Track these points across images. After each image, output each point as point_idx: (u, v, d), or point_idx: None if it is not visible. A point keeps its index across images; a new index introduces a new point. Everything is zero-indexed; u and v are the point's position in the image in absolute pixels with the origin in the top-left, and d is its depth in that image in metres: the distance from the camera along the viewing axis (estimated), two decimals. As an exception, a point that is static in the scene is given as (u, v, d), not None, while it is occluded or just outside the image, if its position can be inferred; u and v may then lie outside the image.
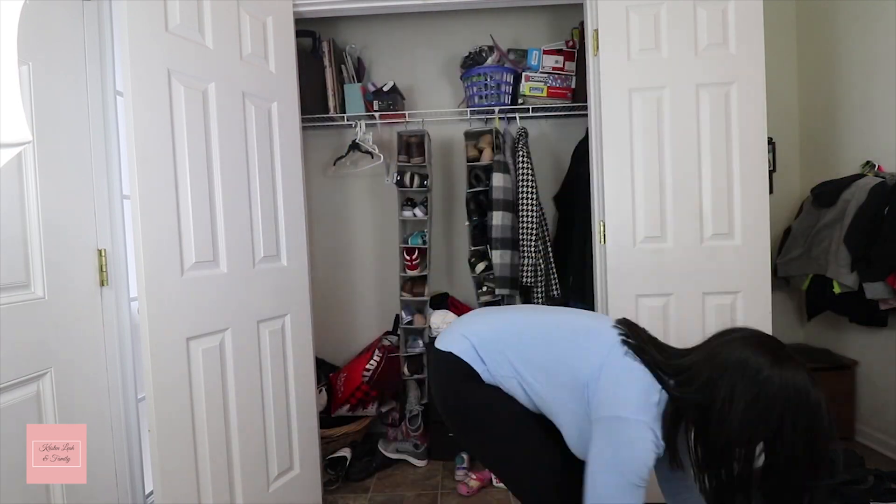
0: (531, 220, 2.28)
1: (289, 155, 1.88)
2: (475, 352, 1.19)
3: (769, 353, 0.92)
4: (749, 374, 0.90)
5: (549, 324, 1.22)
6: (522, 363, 1.15)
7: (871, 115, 2.25)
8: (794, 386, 0.93)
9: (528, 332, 1.20)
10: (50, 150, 1.33)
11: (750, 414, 0.89)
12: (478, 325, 1.27)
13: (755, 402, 0.89)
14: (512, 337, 1.20)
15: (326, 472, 2.19)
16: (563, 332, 1.17)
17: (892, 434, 2.21)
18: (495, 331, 1.23)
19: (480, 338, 1.21)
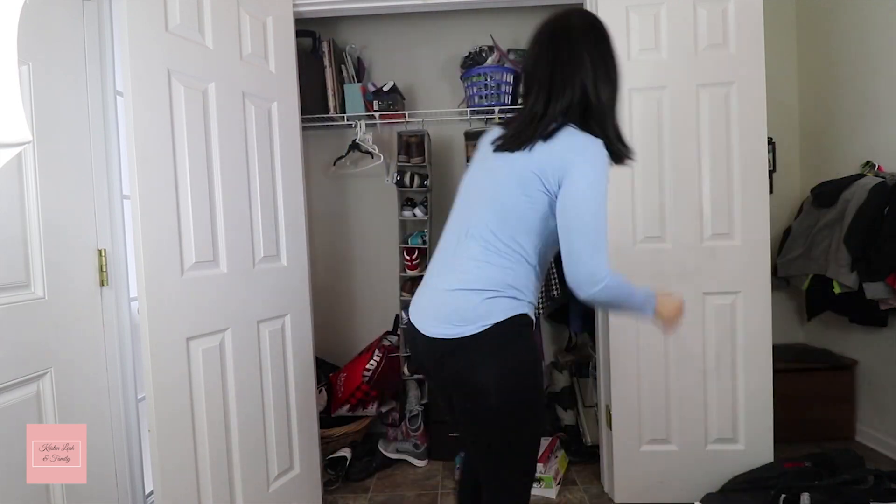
0: (531, 220, 2.28)
1: (289, 155, 1.88)
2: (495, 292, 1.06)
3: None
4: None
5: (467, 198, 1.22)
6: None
7: (871, 115, 2.25)
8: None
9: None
10: (50, 150, 1.33)
11: (603, 71, 1.12)
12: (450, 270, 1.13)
13: (602, 62, 1.14)
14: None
15: (326, 472, 2.19)
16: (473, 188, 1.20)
17: (892, 434, 2.21)
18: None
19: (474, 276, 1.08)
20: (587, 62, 1.10)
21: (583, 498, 2.05)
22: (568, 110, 1.08)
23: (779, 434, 1.90)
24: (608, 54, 1.14)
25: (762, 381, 1.89)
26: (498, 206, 1.10)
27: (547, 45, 1.13)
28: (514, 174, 1.08)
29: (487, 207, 1.11)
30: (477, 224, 1.12)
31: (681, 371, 1.91)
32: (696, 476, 1.90)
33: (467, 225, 1.15)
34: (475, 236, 1.11)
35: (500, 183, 1.10)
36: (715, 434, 1.91)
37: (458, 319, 1.06)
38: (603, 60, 1.13)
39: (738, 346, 1.89)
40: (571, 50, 1.11)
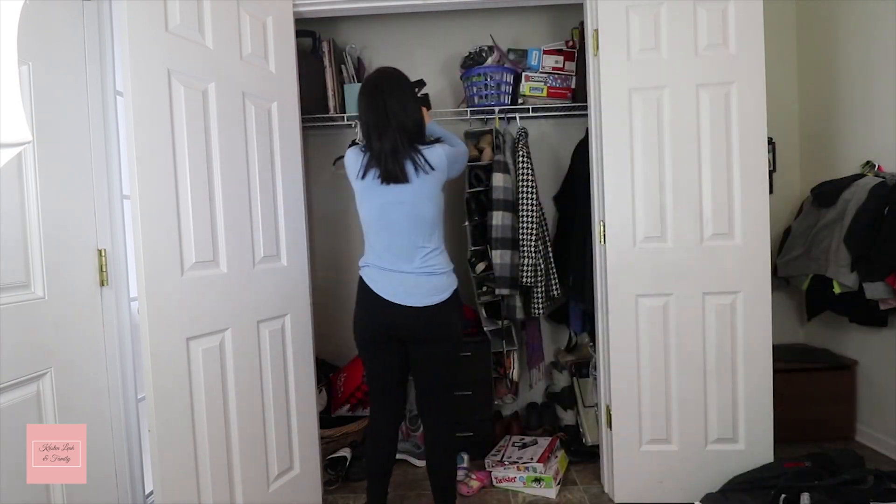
0: (531, 220, 2.28)
1: (289, 155, 1.88)
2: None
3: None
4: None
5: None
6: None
7: (871, 115, 2.25)
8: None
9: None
10: (50, 150, 1.33)
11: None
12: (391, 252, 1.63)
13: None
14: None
15: (326, 472, 2.19)
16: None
17: (892, 434, 2.21)
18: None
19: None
20: (402, 105, 1.57)
21: (583, 498, 2.05)
22: (410, 140, 1.57)
23: (779, 434, 1.90)
24: (409, 93, 1.61)
25: (762, 381, 1.89)
26: (422, 223, 1.60)
27: (372, 98, 1.59)
28: (429, 196, 1.60)
29: (414, 227, 1.60)
30: (416, 239, 1.61)
31: (681, 371, 1.91)
32: (696, 476, 1.90)
33: (410, 240, 1.61)
34: (419, 246, 1.62)
35: (423, 208, 1.59)
36: (715, 434, 1.92)
37: (438, 291, 1.61)
38: (408, 99, 1.59)
39: (738, 346, 1.89)
40: (387, 101, 1.56)
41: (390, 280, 1.60)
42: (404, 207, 1.57)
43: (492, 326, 2.39)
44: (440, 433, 1.70)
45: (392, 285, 1.60)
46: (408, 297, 1.58)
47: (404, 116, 1.54)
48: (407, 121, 1.55)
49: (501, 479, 2.15)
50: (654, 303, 1.91)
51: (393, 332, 1.62)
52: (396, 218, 1.58)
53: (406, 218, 1.58)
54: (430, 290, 1.60)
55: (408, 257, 1.60)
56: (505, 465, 2.16)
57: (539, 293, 2.32)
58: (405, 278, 1.59)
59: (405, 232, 1.59)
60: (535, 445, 2.28)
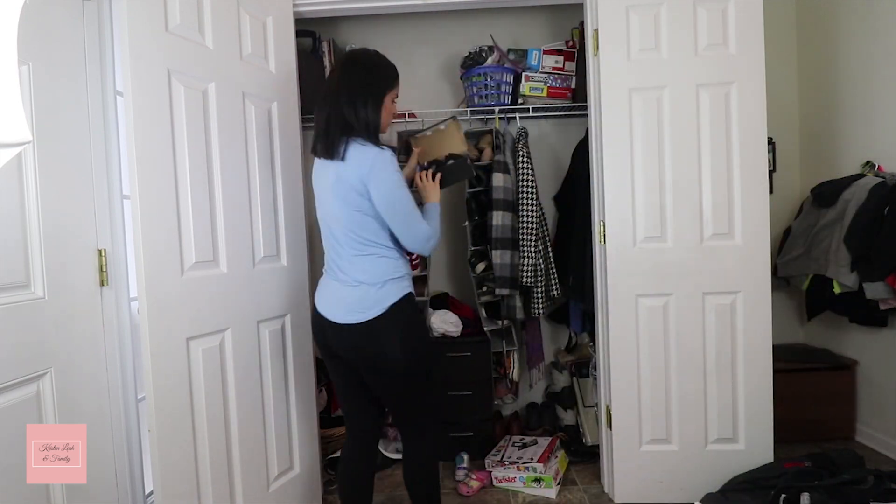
0: (531, 220, 2.28)
1: (289, 155, 1.88)
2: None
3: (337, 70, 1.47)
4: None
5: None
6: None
7: (871, 115, 2.25)
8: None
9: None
10: (50, 150, 1.33)
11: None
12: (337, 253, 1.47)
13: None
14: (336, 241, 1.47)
15: (326, 472, 2.19)
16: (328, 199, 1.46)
17: (892, 434, 2.21)
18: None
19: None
20: (342, 93, 1.40)
21: (583, 498, 2.05)
22: (345, 128, 1.39)
23: (779, 434, 1.90)
24: (359, 81, 1.42)
25: (762, 381, 1.89)
26: (344, 223, 1.41)
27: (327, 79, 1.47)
28: (337, 194, 1.39)
29: (338, 225, 1.43)
30: (341, 235, 1.43)
31: (681, 371, 1.91)
32: (696, 476, 1.90)
33: (336, 237, 1.45)
34: (347, 245, 1.43)
35: (334, 204, 1.42)
36: (715, 434, 1.92)
37: (360, 308, 1.38)
38: (355, 87, 1.41)
39: (738, 346, 1.89)
40: (329, 85, 1.44)
41: (323, 288, 1.50)
42: (329, 196, 1.42)
43: (492, 326, 2.39)
44: (410, 455, 1.54)
45: (323, 294, 1.49)
46: (331, 311, 1.43)
47: (353, 112, 1.39)
48: (354, 117, 1.39)
49: (501, 479, 2.15)
50: (654, 303, 1.91)
51: (332, 350, 1.49)
52: (325, 206, 1.46)
53: (330, 208, 1.43)
54: (352, 305, 1.39)
55: (338, 261, 1.45)
56: (505, 465, 2.16)
57: (539, 293, 2.32)
58: (333, 288, 1.45)
59: (332, 228, 1.45)
60: (535, 445, 2.28)
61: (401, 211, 1.38)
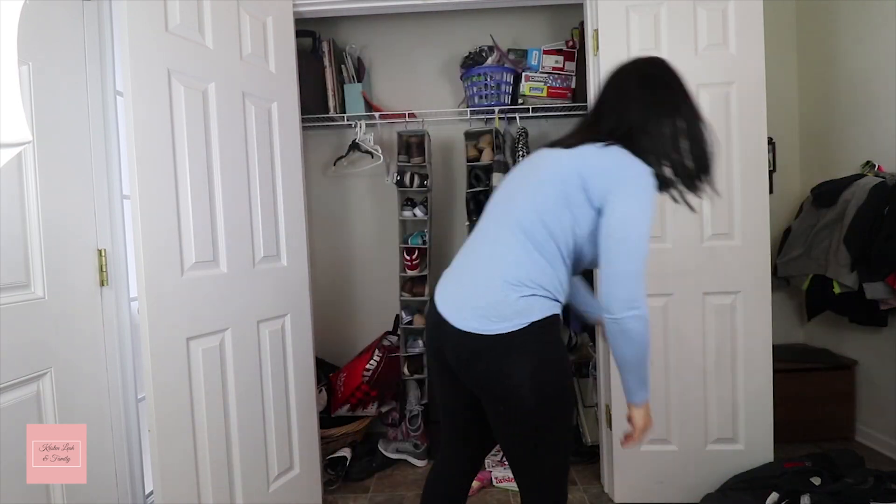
0: (531, 220, 2.28)
1: (289, 155, 1.88)
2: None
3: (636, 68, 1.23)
4: (632, 82, 1.19)
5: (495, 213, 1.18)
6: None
7: (871, 115, 2.25)
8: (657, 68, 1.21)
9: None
10: (50, 150, 1.33)
11: (650, 103, 1.13)
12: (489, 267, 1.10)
13: (650, 94, 1.14)
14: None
15: (326, 472, 2.19)
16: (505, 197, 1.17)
17: (892, 434, 2.21)
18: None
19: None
20: (636, 101, 1.13)
21: (583, 498, 2.05)
22: (614, 132, 1.10)
23: (779, 434, 1.90)
24: (660, 94, 1.15)
25: (762, 381, 1.89)
26: (540, 201, 1.08)
27: (614, 84, 1.24)
28: (560, 174, 1.08)
29: (530, 200, 1.10)
30: (519, 216, 1.09)
31: (681, 371, 1.91)
32: (696, 476, 1.90)
33: (509, 216, 1.12)
34: (516, 228, 1.09)
35: (545, 180, 1.10)
36: (715, 434, 1.91)
37: (495, 315, 1.04)
38: (655, 100, 1.14)
39: (738, 346, 1.89)
40: (621, 88, 1.19)
41: (448, 281, 1.17)
42: (538, 178, 1.14)
43: (492, 326, 2.39)
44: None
45: (448, 288, 1.15)
46: (452, 311, 1.10)
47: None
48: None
49: (502, 479, 2.15)
50: (655, 303, 1.91)
51: (444, 360, 1.15)
52: (520, 190, 1.15)
53: (531, 194, 1.13)
54: (484, 309, 1.05)
55: (490, 251, 1.14)
56: (505, 465, 2.16)
57: (539, 293, 2.32)
58: (466, 281, 1.13)
59: (508, 213, 1.14)
60: (535, 445, 2.28)
61: (631, 243, 1.07)
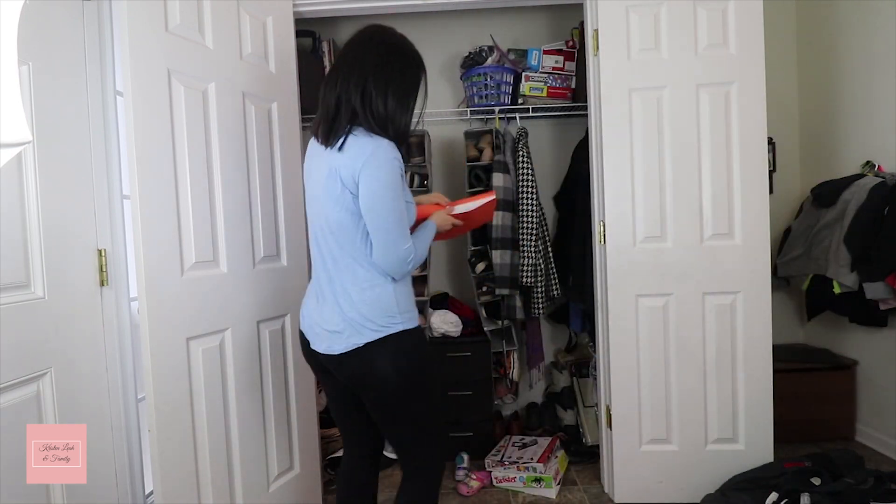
0: (531, 220, 2.28)
1: (289, 155, 1.88)
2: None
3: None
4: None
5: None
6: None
7: (871, 115, 2.25)
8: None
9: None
10: (50, 150, 1.33)
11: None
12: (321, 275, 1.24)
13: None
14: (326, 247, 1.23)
15: (326, 472, 2.19)
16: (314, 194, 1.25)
17: (892, 434, 2.21)
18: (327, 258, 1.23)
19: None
20: (363, 74, 1.19)
21: (583, 498, 2.05)
22: (352, 116, 1.18)
23: (779, 434, 1.90)
24: (386, 66, 1.22)
25: (762, 381, 1.89)
26: (333, 226, 1.20)
27: (342, 55, 1.26)
28: (327, 186, 1.18)
29: (326, 228, 1.21)
30: (327, 242, 1.22)
31: (681, 371, 1.91)
32: (696, 476, 1.90)
33: (320, 243, 1.24)
34: (331, 254, 1.21)
35: (325, 202, 1.20)
36: (715, 434, 1.91)
37: (347, 334, 1.18)
38: (380, 71, 1.21)
39: (738, 346, 1.89)
40: (348, 63, 1.22)
41: (305, 302, 1.31)
42: (319, 191, 1.22)
43: (492, 326, 2.40)
44: (403, 494, 1.31)
45: (305, 310, 1.30)
46: (312, 334, 1.26)
47: (378, 102, 1.18)
48: (376, 106, 1.18)
49: (501, 479, 2.15)
50: (655, 303, 1.91)
51: (320, 364, 1.30)
52: (314, 203, 1.25)
53: (321, 207, 1.22)
54: (332, 334, 1.20)
55: (321, 273, 1.25)
56: (505, 465, 2.16)
57: (539, 293, 2.32)
58: (312, 307, 1.27)
59: (318, 231, 1.24)
60: (535, 445, 2.28)
61: (382, 214, 1.14)
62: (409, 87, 1.27)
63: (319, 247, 1.24)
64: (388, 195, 1.15)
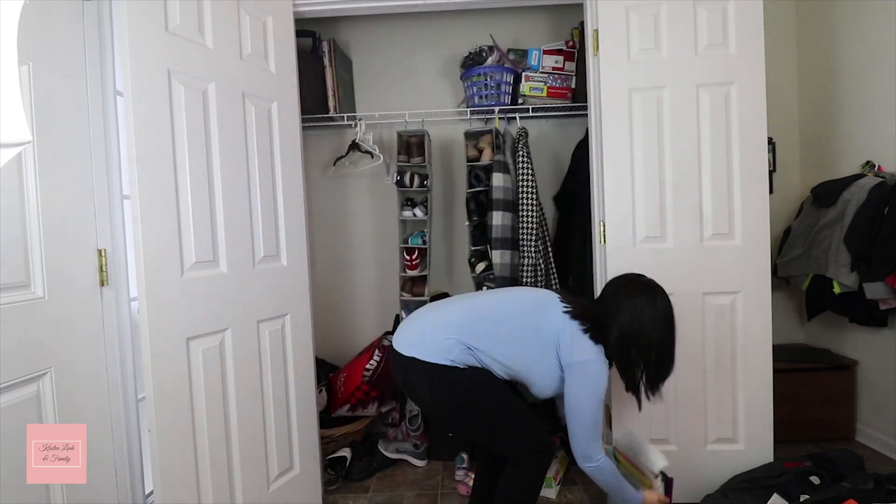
0: (531, 220, 2.28)
1: (289, 155, 1.88)
2: (459, 345, 1.42)
3: (642, 291, 1.47)
4: (634, 311, 1.44)
5: (506, 302, 1.55)
6: (498, 343, 1.45)
7: (871, 115, 2.25)
8: (659, 310, 1.45)
9: (493, 315, 1.49)
10: (50, 150, 1.33)
11: (635, 330, 1.43)
12: (450, 316, 1.50)
13: (639, 325, 1.43)
14: (483, 322, 1.47)
15: (326, 472, 2.19)
16: (522, 308, 1.51)
17: (892, 434, 2.21)
18: (470, 320, 1.48)
19: (462, 331, 1.44)
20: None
21: (583, 498, 2.05)
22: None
23: (779, 434, 1.89)
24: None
25: (762, 381, 1.89)
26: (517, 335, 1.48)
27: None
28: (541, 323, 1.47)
29: (508, 327, 1.49)
30: (501, 333, 1.48)
31: (681, 371, 1.90)
32: (696, 476, 1.89)
33: (490, 328, 1.48)
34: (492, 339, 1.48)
35: (533, 319, 1.49)
36: (715, 434, 1.91)
37: (429, 346, 1.44)
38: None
39: (738, 346, 1.89)
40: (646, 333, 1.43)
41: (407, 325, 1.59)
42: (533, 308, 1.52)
43: (492, 326, 2.39)
44: (502, 483, 1.52)
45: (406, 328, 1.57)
46: (403, 338, 1.51)
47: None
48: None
49: (501, 479, 2.14)
50: (654, 303, 1.91)
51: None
52: (516, 308, 1.53)
53: (521, 317, 1.51)
54: (421, 340, 1.46)
55: (457, 329, 1.48)
56: (505, 465, 2.16)
57: (539, 293, 2.32)
58: (420, 324, 1.54)
59: (498, 320, 1.50)
60: (535, 445, 2.28)
61: (586, 413, 1.43)
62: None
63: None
64: (595, 398, 1.45)
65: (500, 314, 1.49)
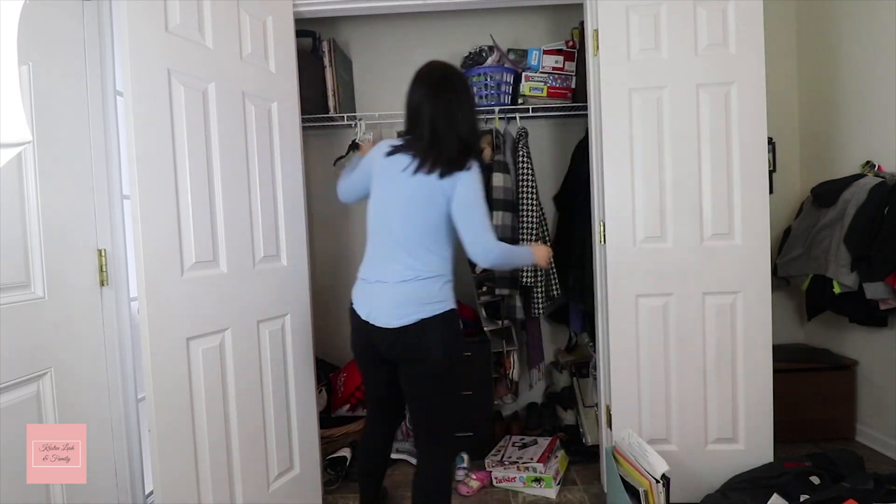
0: (531, 220, 2.28)
1: (289, 155, 1.88)
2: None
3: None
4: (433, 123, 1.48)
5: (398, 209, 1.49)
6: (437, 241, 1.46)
7: (871, 115, 2.25)
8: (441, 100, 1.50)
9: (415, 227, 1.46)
10: (50, 150, 1.33)
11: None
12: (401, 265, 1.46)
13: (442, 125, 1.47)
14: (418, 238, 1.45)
15: (326, 472, 2.19)
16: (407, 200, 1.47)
17: (892, 434, 2.21)
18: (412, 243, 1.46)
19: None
20: (462, 113, 1.48)
21: (583, 498, 2.05)
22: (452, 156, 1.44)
23: (779, 434, 1.89)
24: (471, 99, 1.54)
25: (762, 381, 1.89)
26: (420, 221, 1.44)
27: (433, 91, 1.50)
28: (426, 193, 1.43)
29: (412, 223, 1.45)
30: (408, 237, 1.45)
31: (681, 371, 1.91)
32: (696, 476, 1.90)
33: (398, 237, 1.46)
34: (408, 246, 1.45)
35: (418, 201, 1.44)
36: (715, 434, 1.91)
37: (416, 304, 1.41)
38: (469, 106, 1.51)
39: (738, 346, 1.89)
40: (450, 105, 1.48)
41: (363, 293, 1.53)
42: (406, 193, 1.47)
43: (492, 326, 2.39)
44: (423, 469, 1.51)
45: (364, 298, 1.51)
46: (377, 314, 1.45)
47: (465, 126, 1.47)
48: (465, 130, 1.46)
49: (501, 479, 2.15)
50: (654, 303, 1.91)
51: (373, 348, 1.51)
52: (393, 203, 1.49)
53: (405, 207, 1.48)
54: (402, 304, 1.42)
55: (390, 260, 1.49)
56: (505, 465, 2.16)
57: (539, 293, 2.32)
58: (379, 290, 1.47)
59: (397, 227, 1.48)
60: (535, 445, 2.28)
61: (478, 213, 1.43)
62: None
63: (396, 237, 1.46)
64: (480, 199, 1.45)
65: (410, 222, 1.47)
